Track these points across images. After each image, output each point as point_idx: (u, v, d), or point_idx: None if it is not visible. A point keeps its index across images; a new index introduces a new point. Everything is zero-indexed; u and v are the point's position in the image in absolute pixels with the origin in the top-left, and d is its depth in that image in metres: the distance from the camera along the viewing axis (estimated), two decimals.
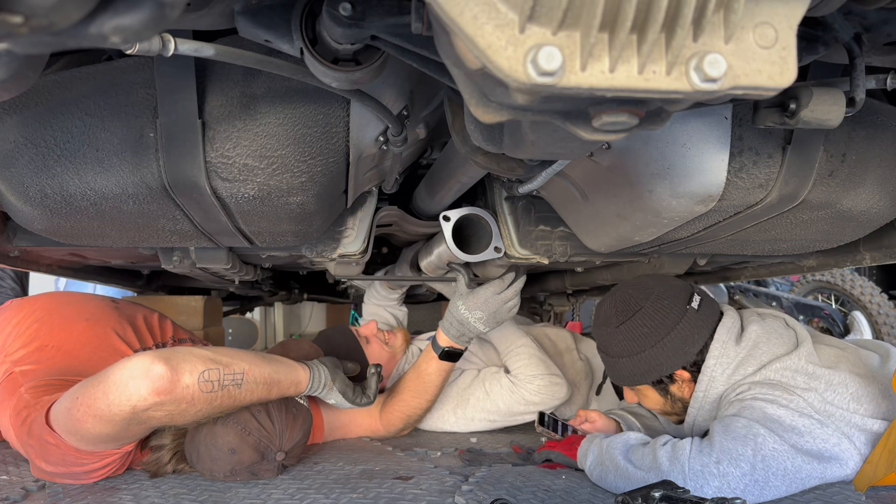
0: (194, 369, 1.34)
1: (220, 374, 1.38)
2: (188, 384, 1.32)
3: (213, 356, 1.40)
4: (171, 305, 2.98)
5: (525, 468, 1.64)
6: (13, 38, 0.44)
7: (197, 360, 1.36)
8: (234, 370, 1.41)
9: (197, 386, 1.33)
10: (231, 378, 1.40)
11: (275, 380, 1.50)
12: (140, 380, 1.27)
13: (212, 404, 1.38)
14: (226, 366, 1.40)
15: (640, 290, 1.58)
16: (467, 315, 1.80)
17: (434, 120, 1.40)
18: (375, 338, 2.21)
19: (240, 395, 1.43)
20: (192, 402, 1.34)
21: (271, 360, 1.54)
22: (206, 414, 1.41)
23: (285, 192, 1.21)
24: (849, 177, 1.26)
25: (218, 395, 1.38)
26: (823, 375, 1.44)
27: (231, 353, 1.47)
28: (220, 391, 1.38)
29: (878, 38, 0.94)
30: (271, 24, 0.84)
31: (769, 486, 1.29)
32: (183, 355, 1.36)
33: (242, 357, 1.47)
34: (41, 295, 1.93)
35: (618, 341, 1.57)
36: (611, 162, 1.24)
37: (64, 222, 1.30)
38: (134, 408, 1.28)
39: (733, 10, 0.52)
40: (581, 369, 2.30)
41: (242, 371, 1.42)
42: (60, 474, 1.46)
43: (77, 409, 1.32)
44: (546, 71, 0.50)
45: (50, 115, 1.11)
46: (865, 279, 5.20)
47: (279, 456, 1.51)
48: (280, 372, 1.52)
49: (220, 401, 1.39)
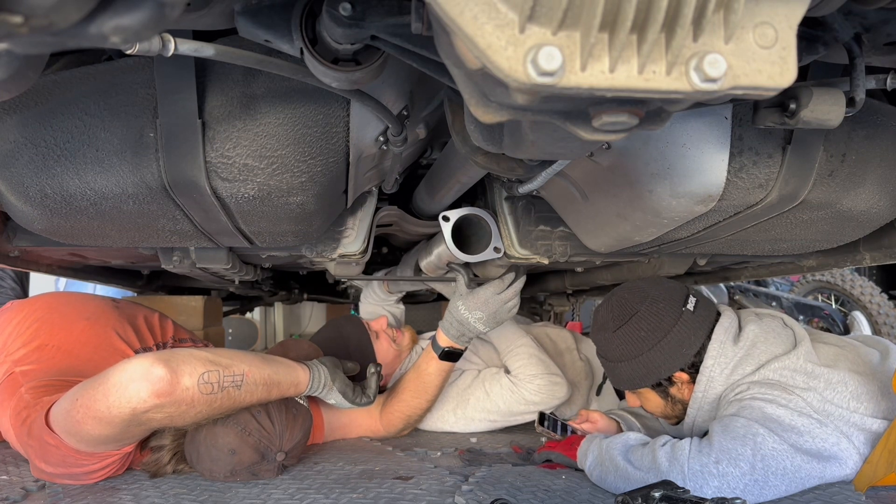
0: (194, 371, 1.34)
1: (220, 376, 1.38)
2: (188, 386, 1.32)
3: (214, 358, 1.40)
4: (171, 305, 2.98)
5: (525, 468, 1.64)
6: (13, 38, 0.44)
7: (197, 362, 1.36)
8: (234, 372, 1.41)
9: (197, 388, 1.33)
10: (231, 380, 1.40)
11: (275, 381, 1.50)
12: (140, 382, 1.27)
13: (211, 406, 1.39)
14: (226, 367, 1.40)
15: (635, 294, 1.59)
16: (467, 315, 1.80)
17: (434, 120, 1.40)
18: (385, 333, 2.21)
19: (239, 397, 1.43)
20: (191, 404, 1.34)
21: (271, 361, 1.54)
22: (206, 415, 1.42)
23: (285, 192, 1.21)
24: (849, 177, 1.26)
25: (218, 396, 1.38)
26: (822, 374, 1.44)
27: (231, 354, 1.47)
28: (219, 393, 1.38)
29: (878, 38, 0.94)
30: (271, 24, 0.84)
31: (768, 486, 1.29)
32: (183, 357, 1.36)
33: (242, 358, 1.47)
34: (41, 295, 1.93)
35: (615, 346, 1.58)
36: (611, 162, 1.24)
37: (64, 222, 1.30)
38: (134, 410, 1.28)
39: (733, 10, 0.52)
40: (581, 369, 2.30)
41: (242, 373, 1.42)
42: (60, 475, 1.46)
43: (77, 410, 1.32)
44: (546, 71, 0.50)
45: (50, 115, 1.11)
46: (865, 279, 5.20)
47: (279, 456, 1.51)
48: (280, 373, 1.52)
49: (220, 402, 1.40)
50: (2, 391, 1.58)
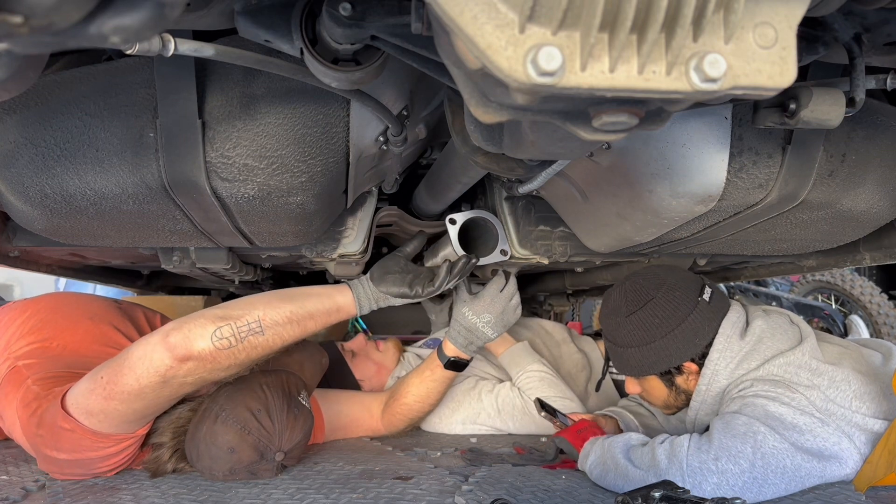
0: (205, 331, 1.34)
1: (234, 329, 1.36)
2: (203, 347, 1.33)
3: (224, 312, 1.39)
4: (171, 305, 2.99)
5: (525, 468, 1.64)
6: (13, 38, 0.44)
7: (206, 321, 1.36)
8: (249, 320, 1.38)
9: (212, 345, 1.33)
10: (248, 328, 1.38)
11: (302, 315, 1.45)
12: (161, 351, 1.30)
13: (237, 357, 1.37)
14: (237, 318, 1.38)
15: (651, 281, 1.57)
16: (475, 320, 1.75)
17: (434, 120, 1.41)
18: (362, 351, 2.22)
19: (269, 341, 1.40)
20: (215, 361, 1.34)
21: (295, 296, 1.49)
22: (240, 366, 1.40)
23: (285, 192, 1.21)
24: (849, 177, 1.26)
25: (239, 347, 1.36)
26: (827, 372, 1.43)
27: (246, 302, 1.44)
28: (239, 344, 1.36)
29: (878, 38, 0.94)
30: (271, 24, 0.84)
31: (768, 484, 1.29)
32: (193, 319, 1.37)
33: (256, 304, 1.43)
34: (43, 296, 1.93)
35: (627, 331, 1.56)
36: (611, 162, 1.24)
37: (64, 222, 1.30)
38: (163, 376, 1.31)
39: (733, 10, 0.52)
40: (578, 361, 2.31)
41: (258, 318, 1.39)
42: (72, 462, 1.45)
43: (102, 388, 1.34)
44: (546, 71, 0.50)
45: (50, 115, 1.11)
46: (865, 279, 5.21)
47: (278, 456, 1.50)
48: (307, 305, 1.47)
49: (248, 352, 1.38)
50: (6, 384, 1.58)
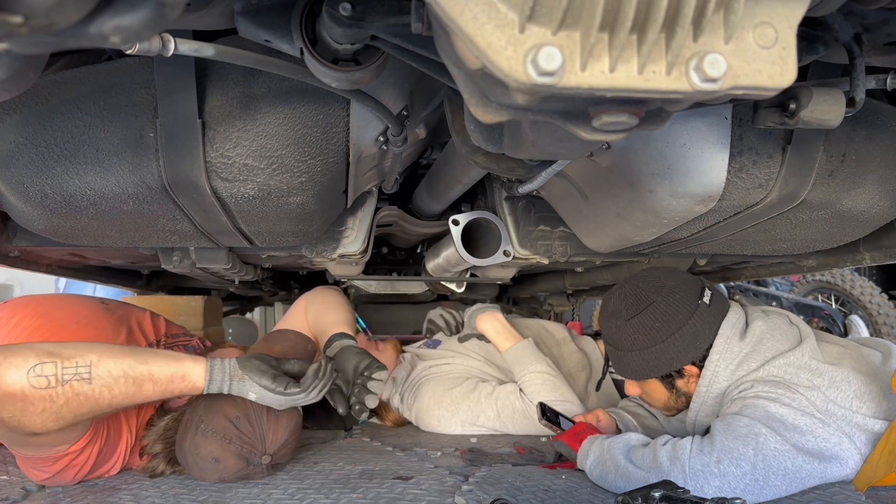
0: (23, 363, 1.20)
1: (58, 368, 1.22)
2: (15, 380, 1.18)
3: (54, 349, 1.25)
4: (171, 305, 2.98)
5: (525, 468, 1.64)
6: (13, 38, 0.44)
7: (30, 354, 1.22)
8: (78, 362, 1.24)
9: (27, 381, 1.19)
10: (74, 371, 1.23)
11: (140, 372, 1.30)
12: None
13: (54, 403, 1.22)
14: (67, 358, 1.24)
15: (651, 284, 1.56)
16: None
17: (434, 120, 1.40)
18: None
19: (94, 392, 1.26)
20: (25, 400, 1.19)
21: (142, 352, 1.37)
22: (55, 414, 1.23)
23: (285, 192, 1.21)
24: (849, 177, 1.26)
25: (59, 391, 1.22)
26: (827, 372, 1.43)
27: (83, 345, 1.30)
28: (59, 387, 1.22)
29: (878, 38, 0.94)
30: (271, 24, 0.84)
31: (769, 486, 1.29)
32: (16, 350, 1.24)
33: (94, 349, 1.29)
34: (30, 299, 1.84)
35: (628, 335, 1.55)
36: (611, 162, 1.24)
37: (64, 222, 1.30)
38: None
39: (733, 10, 0.52)
40: (578, 360, 2.31)
41: (89, 363, 1.25)
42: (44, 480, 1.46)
43: None
44: (546, 71, 0.50)
45: (50, 115, 1.11)
46: (865, 279, 5.21)
47: (265, 459, 1.47)
48: (151, 364, 1.32)
49: (67, 398, 1.23)
50: None
